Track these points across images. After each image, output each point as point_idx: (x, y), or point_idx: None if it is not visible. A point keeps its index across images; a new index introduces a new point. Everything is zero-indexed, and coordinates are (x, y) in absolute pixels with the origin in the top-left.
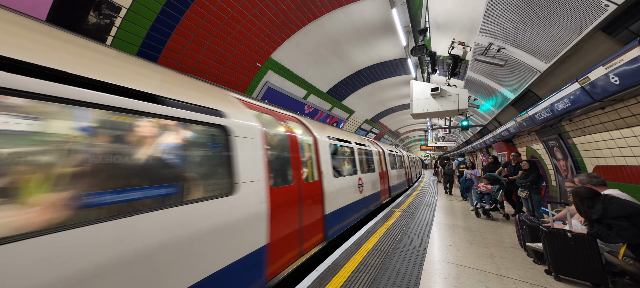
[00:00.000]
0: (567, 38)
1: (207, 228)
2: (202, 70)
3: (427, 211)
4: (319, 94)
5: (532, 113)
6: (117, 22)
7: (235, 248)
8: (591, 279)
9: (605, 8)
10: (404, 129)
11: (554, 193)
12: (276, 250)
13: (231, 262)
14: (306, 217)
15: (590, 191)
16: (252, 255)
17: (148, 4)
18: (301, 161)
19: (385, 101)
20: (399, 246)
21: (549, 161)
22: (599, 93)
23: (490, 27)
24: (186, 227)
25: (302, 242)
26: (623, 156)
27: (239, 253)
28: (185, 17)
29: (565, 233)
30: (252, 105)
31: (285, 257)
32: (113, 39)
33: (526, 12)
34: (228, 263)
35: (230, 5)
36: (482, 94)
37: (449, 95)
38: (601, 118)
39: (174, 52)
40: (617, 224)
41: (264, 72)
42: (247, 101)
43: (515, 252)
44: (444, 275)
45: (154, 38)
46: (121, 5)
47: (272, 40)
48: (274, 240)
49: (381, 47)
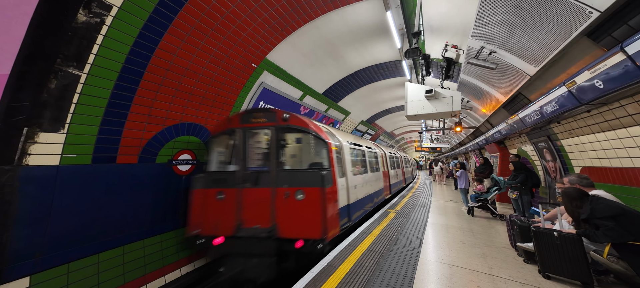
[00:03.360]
0: (555, 43)
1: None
2: (196, 70)
3: (421, 212)
4: (314, 95)
5: (522, 115)
6: (108, 21)
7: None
8: (577, 277)
9: (589, 15)
10: (399, 130)
11: (544, 194)
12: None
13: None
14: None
15: (579, 192)
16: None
17: (140, 3)
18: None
19: (380, 103)
20: (393, 247)
21: (539, 162)
22: (585, 97)
23: (481, 31)
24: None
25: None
26: (608, 157)
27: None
28: (179, 16)
29: (552, 233)
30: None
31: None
32: (103, 38)
33: (516, 17)
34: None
35: (225, 5)
36: (475, 95)
37: (442, 97)
38: (587, 121)
39: (168, 52)
40: (603, 224)
41: (259, 73)
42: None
43: (507, 251)
44: (437, 276)
45: (146, 38)
46: (112, 4)
47: (268, 41)
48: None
49: (376, 49)
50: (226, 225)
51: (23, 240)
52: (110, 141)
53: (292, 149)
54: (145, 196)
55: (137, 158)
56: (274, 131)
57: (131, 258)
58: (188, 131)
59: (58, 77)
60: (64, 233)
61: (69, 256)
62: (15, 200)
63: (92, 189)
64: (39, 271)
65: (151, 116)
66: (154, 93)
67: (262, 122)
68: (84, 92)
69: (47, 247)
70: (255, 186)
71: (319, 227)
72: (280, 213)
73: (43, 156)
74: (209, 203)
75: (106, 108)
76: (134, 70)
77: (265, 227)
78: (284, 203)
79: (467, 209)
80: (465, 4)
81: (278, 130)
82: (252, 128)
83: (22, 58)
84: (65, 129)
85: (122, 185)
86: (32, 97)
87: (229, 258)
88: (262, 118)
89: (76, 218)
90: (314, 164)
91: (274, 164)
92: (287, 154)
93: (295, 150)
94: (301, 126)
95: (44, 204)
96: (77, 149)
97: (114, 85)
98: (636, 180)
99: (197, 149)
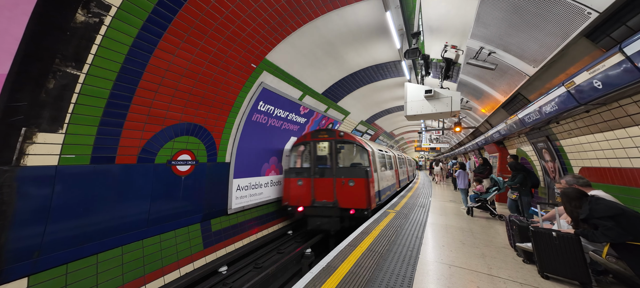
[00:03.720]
0: (554, 43)
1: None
2: (196, 70)
3: (421, 212)
4: (314, 95)
5: (522, 115)
6: (107, 20)
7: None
8: (576, 277)
9: (588, 15)
10: (398, 130)
11: (543, 194)
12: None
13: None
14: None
15: (578, 192)
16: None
17: (139, 3)
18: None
19: (380, 103)
20: (393, 247)
21: (538, 162)
22: (584, 97)
23: (481, 32)
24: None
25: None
26: (607, 158)
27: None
28: (178, 16)
29: (551, 233)
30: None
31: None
32: (102, 38)
33: (515, 17)
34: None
35: (224, 5)
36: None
37: (442, 97)
38: (586, 121)
39: (167, 52)
40: (602, 224)
41: (259, 73)
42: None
43: (506, 252)
44: (436, 276)
45: (145, 38)
46: (111, 4)
47: (267, 41)
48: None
49: (376, 49)
50: (305, 199)
51: (21, 241)
52: (109, 142)
53: (346, 154)
54: (144, 197)
55: (136, 159)
56: (333, 143)
57: (130, 258)
58: (187, 131)
59: (56, 77)
60: (62, 233)
61: (68, 257)
62: (13, 200)
63: (91, 189)
64: (37, 272)
65: (150, 116)
66: (153, 93)
67: (325, 137)
68: (83, 92)
69: (45, 248)
70: (322, 177)
71: (365, 202)
72: (339, 193)
73: (41, 157)
74: (294, 186)
75: (105, 108)
76: (133, 70)
77: (330, 201)
78: (341, 187)
79: (467, 209)
80: (464, 4)
81: (335, 142)
82: (318, 141)
83: (20, 58)
84: (63, 129)
85: (121, 186)
86: (31, 97)
87: (309, 218)
88: (325, 135)
89: (75, 219)
90: (357, 164)
91: (333, 164)
92: (342, 157)
93: (348, 154)
94: (350, 140)
95: (42, 205)
96: (75, 150)
97: (113, 85)
98: (634, 180)
99: (197, 150)
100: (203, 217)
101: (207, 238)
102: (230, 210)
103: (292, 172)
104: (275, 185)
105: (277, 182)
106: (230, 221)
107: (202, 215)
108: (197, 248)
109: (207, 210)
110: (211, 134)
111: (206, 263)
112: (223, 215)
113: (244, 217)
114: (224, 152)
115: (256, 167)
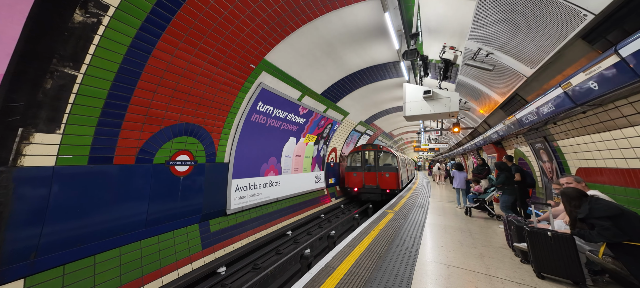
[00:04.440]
0: (551, 45)
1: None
2: (194, 71)
3: (419, 213)
4: (313, 95)
5: (519, 116)
6: (105, 21)
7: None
8: (570, 276)
9: (583, 17)
10: (397, 131)
11: (540, 195)
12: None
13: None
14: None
15: (578, 192)
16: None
17: (138, 3)
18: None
19: (379, 103)
20: (391, 248)
21: (536, 163)
22: (580, 98)
23: (479, 33)
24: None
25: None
26: (603, 158)
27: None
28: (177, 16)
29: (546, 233)
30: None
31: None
32: (100, 38)
33: (512, 19)
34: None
35: (223, 5)
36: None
37: (440, 98)
38: (583, 122)
39: (165, 52)
40: (599, 224)
41: (258, 73)
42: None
43: (504, 252)
44: (435, 276)
45: (144, 38)
46: (109, 4)
47: (266, 41)
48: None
49: (374, 50)
50: (359, 184)
51: (18, 242)
52: (107, 142)
53: (383, 159)
54: (142, 197)
55: (134, 159)
56: (376, 152)
57: (128, 259)
58: (186, 132)
59: (54, 77)
60: (59, 234)
61: (65, 258)
62: (10, 201)
63: (89, 190)
64: (34, 273)
65: (149, 116)
66: (151, 93)
67: (370, 149)
68: (81, 93)
69: (42, 249)
70: (369, 171)
71: (396, 186)
72: (380, 181)
73: (38, 157)
74: (351, 177)
75: (103, 108)
76: (131, 70)
77: (374, 185)
78: (381, 177)
79: (465, 209)
80: (462, 5)
81: (377, 151)
82: (366, 151)
83: (17, 58)
84: (61, 129)
85: (119, 186)
86: (28, 98)
87: (362, 194)
88: (370, 147)
89: (72, 220)
90: (389, 164)
91: (376, 164)
92: (381, 161)
93: (385, 159)
94: (386, 151)
95: (39, 205)
96: (73, 150)
97: (111, 85)
98: (630, 180)
99: (195, 150)
100: (202, 218)
101: (206, 239)
102: (229, 211)
103: (350, 168)
104: (274, 185)
105: (277, 182)
106: (229, 221)
107: (201, 216)
108: (196, 249)
109: (205, 210)
110: (210, 134)
111: (205, 264)
112: (222, 216)
113: (242, 218)
114: (223, 152)
115: (255, 167)
